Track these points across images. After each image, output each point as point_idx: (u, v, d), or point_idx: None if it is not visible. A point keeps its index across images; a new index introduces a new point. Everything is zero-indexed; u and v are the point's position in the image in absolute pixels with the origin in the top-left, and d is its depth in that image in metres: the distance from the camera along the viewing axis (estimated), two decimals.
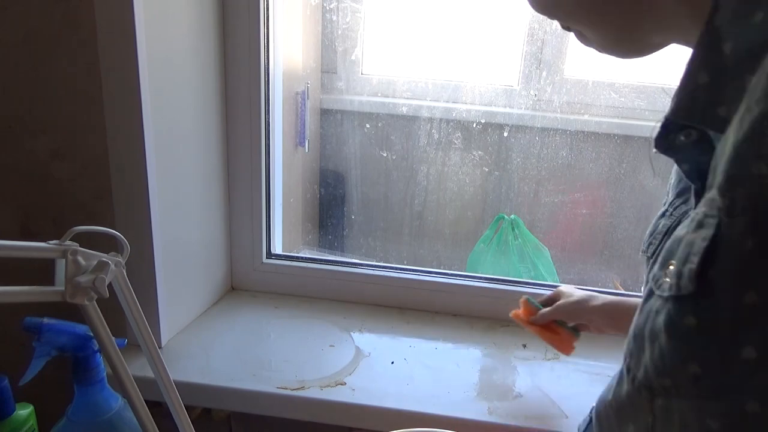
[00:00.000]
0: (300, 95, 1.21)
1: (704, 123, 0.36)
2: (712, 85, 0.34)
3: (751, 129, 0.28)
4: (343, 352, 0.96)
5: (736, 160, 0.29)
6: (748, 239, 0.29)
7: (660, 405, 0.35)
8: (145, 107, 0.83)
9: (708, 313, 0.31)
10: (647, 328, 0.36)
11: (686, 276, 0.32)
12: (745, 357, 0.30)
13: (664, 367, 0.34)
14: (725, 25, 0.33)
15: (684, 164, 0.39)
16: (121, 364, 0.52)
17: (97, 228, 0.53)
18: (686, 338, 0.33)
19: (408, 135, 1.30)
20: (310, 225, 1.37)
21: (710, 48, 0.34)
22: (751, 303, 0.30)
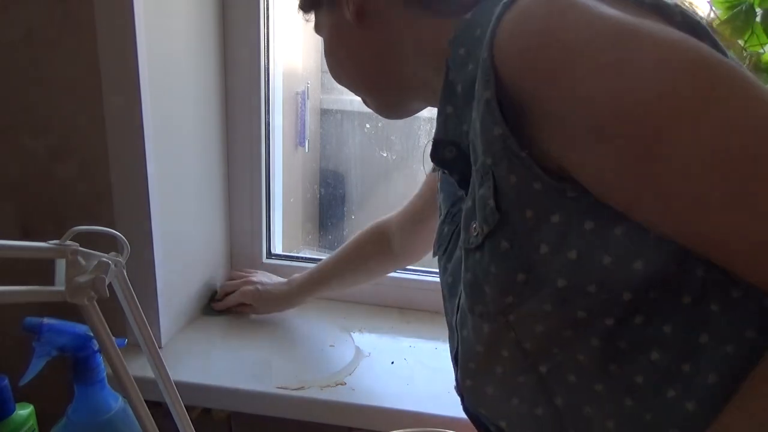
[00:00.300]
0: (300, 95, 1.21)
1: (456, 137, 0.52)
2: (455, 112, 0.52)
3: (484, 109, 0.43)
4: (343, 352, 0.96)
5: (485, 130, 0.44)
6: (511, 176, 0.44)
7: (513, 319, 0.47)
8: (145, 107, 0.83)
9: (511, 234, 0.45)
10: (479, 273, 0.48)
11: (490, 214, 0.45)
12: (543, 252, 0.44)
13: (503, 290, 0.46)
14: (454, 76, 0.51)
15: (455, 174, 0.54)
16: (121, 364, 0.52)
17: (97, 228, 0.53)
18: (506, 258, 0.45)
19: (408, 135, 1.30)
20: (310, 225, 1.37)
21: (450, 91, 0.52)
22: (531, 216, 0.44)
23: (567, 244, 0.43)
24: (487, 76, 0.42)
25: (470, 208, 0.49)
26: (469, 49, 0.49)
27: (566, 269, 0.43)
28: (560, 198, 0.43)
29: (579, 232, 0.43)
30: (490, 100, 0.43)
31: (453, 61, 0.51)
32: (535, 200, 0.43)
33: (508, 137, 0.43)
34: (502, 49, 0.42)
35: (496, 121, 0.43)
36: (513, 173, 0.44)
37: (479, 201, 0.47)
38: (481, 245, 0.47)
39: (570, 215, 0.43)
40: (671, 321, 0.43)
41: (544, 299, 0.45)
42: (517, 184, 0.44)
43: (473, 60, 0.48)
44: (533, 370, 0.49)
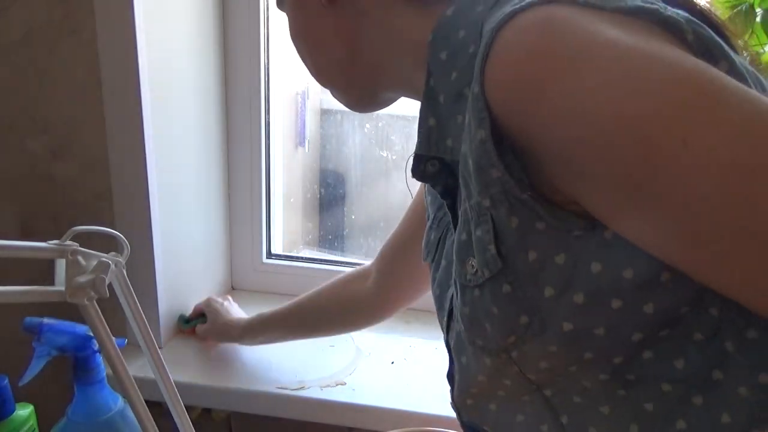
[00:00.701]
0: (300, 95, 1.21)
1: (439, 152, 0.49)
2: (438, 125, 0.48)
3: (478, 150, 0.40)
4: (343, 352, 0.96)
5: (480, 172, 0.41)
6: (512, 218, 0.41)
7: (516, 355, 0.45)
8: (145, 107, 0.83)
9: (514, 277, 0.42)
10: (479, 311, 0.46)
11: (491, 260, 0.43)
12: (548, 295, 0.41)
13: (505, 330, 0.44)
14: (436, 83, 0.47)
15: (437, 186, 0.51)
16: (121, 364, 0.52)
17: (97, 228, 0.53)
18: (509, 301, 0.43)
19: (408, 135, 1.29)
20: (310, 225, 1.37)
21: (431, 100, 0.48)
22: (534, 259, 0.41)
23: (573, 287, 0.40)
24: (481, 113, 0.39)
25: (465, 243, 0.46)
26: (451, 55, 0.45)
27: (572, 313, 0.41)
28: (565, 237, 0.40)
29: (586, 274, 0.40)
30: (485, 141, 0.39)
31: (434, 65, 0.47)
32: (539, 241, 0.41)
33: (507, 180, 0.39)
34: (494, 84, 0.38)
35: (493, 164, 0.39)
36: (514, 215, 0.41)
37: (477, 242, 0.44)
38: (481, 285, 0.45)
39: (576, 256, 0.40)
40: (683, 356, 0.41)
41: (549, 341, 0.42)
42: (519, 226, 0.41)
43: (457, 68, 0.45)
44: (537, 392, 0.48)
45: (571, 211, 0.40)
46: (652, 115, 0.33)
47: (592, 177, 0.36)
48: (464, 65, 0.44)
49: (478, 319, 0.46)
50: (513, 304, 0.43)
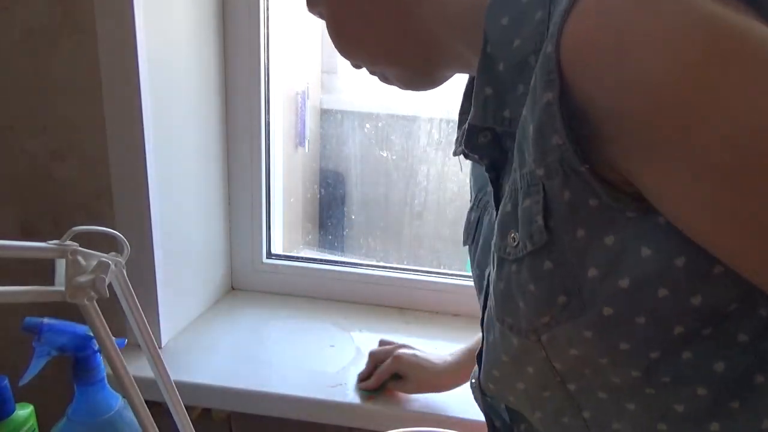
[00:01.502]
0: (300, 95, 1.21)
1: (495, 123, 0.46)
2: (495, 95, 0.46)
3: (543, 113, 0.38)
4: (343, 352, 0.96)
5: (540, 137, 0.38)
6: (565, 191, 0.39)
7: (546, 339, 0.43)
8: (145, 107, 0.83)
9: (557, 254, 0.40)
10: (513, 286, 0.44)
11: (536, 232, 0.41)
12: (591, 276, 0.39)
13: (540, 309, 0.42)
14: (494, 51, 0.44)
15: (485, 159, 0.50)
16: (121, 364, 0.52)
17: (97, 228, 0.53)
18: (549, 278, 0.41)
19: (408, 135, 1.29)
20: (310, 225, 1.37)
21: (489, 68, 0.45)
22: (582, 236, 0.39)
23: (619, 271, 0.39)
24: (551, 74, 0.36)
25: (509, 214, 0.44)
26: (514, 20, 0.42)
27: (615, 297, 0.39)
28: (618, 218, 0.38)
29: (634, 258, 0.38)
30: (552, 103, 0.37)
31: (492, 31, 0.44)
32: (589, 219, 0.39)
33: (568, 149, 0.37)
34: (573, 45, 0.36)
35: (556, 129, 0.37)
36: (568, 188, 0.39)
37: (523, 213, 0.42)
38: (521, 259, 0.43)
39: (626, 239, 0.38)
40: (723, 360, 0.39)
41: (585, 325, 0.41)
42: (571, 200, 0.39)
43: (522, 35, 0.42)
44: (560, 386, 0.46)
45: (625, 192, 0.38)
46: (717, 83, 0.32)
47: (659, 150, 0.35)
48: (530, 32, 0.41)
49: (511, 296, 0.44)
50: (552, 281, 0.41)
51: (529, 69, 0.42)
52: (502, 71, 0.44)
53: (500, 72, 0.44)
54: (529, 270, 0.42)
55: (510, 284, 0.44)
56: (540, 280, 0.42)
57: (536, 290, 0.42)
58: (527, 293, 0.43)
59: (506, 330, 0.46)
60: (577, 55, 0.36)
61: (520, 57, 0.42)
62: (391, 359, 0.85)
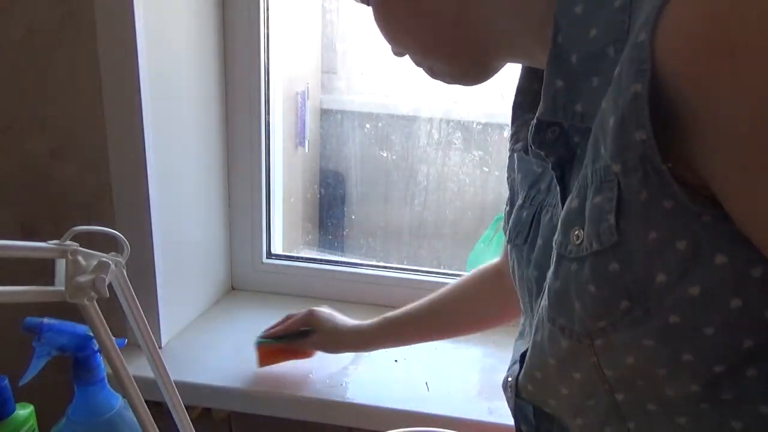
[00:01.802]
0: (300, 95, 1.21)
1: (566, 118, 0.44)
2: (567, 88, 0.43)
3: (628, 105, 0.35)
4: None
5: (622, 131, 0.36)
6: (642, 190, 0.37)
7: (599, 344, 0.41)
8: (145, 107, 0.83)
9: (625, 256, 0.39)
10: (571, 286, 0.42)
11: (606, 231, 0.39)
12: (659, 281, 0.38)
13: (598, 312, 0.40)
14: (566, 41, 0.42)
15: (551, 157, 0.47)
16: (121, 364, 0.52)
17: (97, 228, 0.53)
18: (612, 282, 0.39)
19: (408, 135, 1.29)
20: (310, 225, 1.37)
21: (560, 59, 0.43)
22: (654, 239, 0.37)
23: (690, 278, 0.37)
24: (642, 64, 0.34)
25: (575, 210, 0.42)
26: (589, 8, 0.40)
27: (683, 305, 0.37)
28: (692, 222, 0.36)
29: (707, 265, 0.36)
30: (641, 95, 0.34)
31: (564, 19, 0.41)
32: (663, 221, 0.37)
33: (652, 146, 0.35)
34: (672, 35, 0.33)
35: (642, 123, 0.35)
36: (646, 187, 0.37)
37: (592, 210, 0.40)
38: (583, 258, 0.41)
39: (699, 244, 0.36)
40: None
41: (647, 333, 0.39)
42: (647, 200, 0.37)
43: (598, 25, 0.40)
44: (608, 395, 0.44)
45: (702, 195, 0.36)
46: None
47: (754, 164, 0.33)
48: (608, 20, 0.39)
49: (568, 296, 0.42)
50: (616, 285, 0.39)
51: (607, 60, 0.40)
52: (575, 63, 0.42)
53: (573, 64, 0.42)
54: (591, 270, 0.40)
55: (568, 283, 0.42)
56: (602, 282, 0.40)
57: (597, 292, 0.40)
58: (586, 294, 0.41)
59: (557, 331, 0.44)
60: (677, 46, 0.33)
61: (596, 47, 0.40)
62: (305, 311, 0.88)
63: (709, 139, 0.34)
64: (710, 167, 0.35)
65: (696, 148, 0.35)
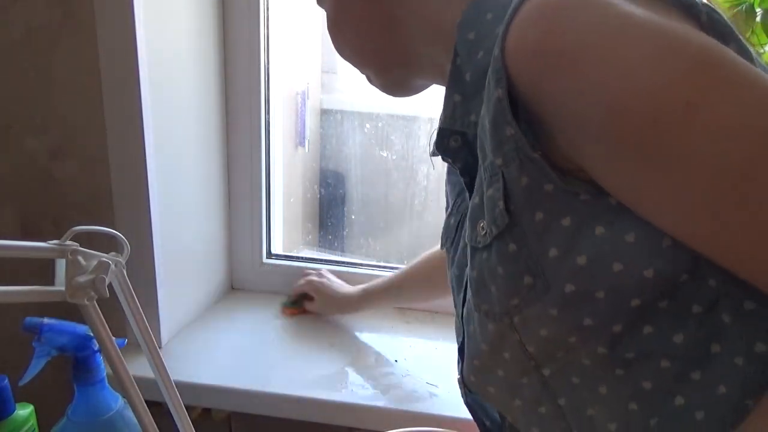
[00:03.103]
0: (300, 95, 1.21)
1: (463, 126, 0.50)
2: (463, 101, 0.50)
3: (495, 108, 0.42)
4: (343, 352, 0.96)
5: (495, 130, 0.43)
6: (522, 177, 0.42)
7: (518, 321, 0.46)
8: (145, 107, 0.83)
9: (520, 236, 0.44)
10: (485, 273, 0.47)
11: (499, 216, 0.44)
12: (552, 256, 0.43)
13: (509, 290, 0.45)
14: (463, 62, 0.49)
15: (457, 163, 0.54)
16: (121, 364, 0.52)
17: (97, 228, 0.53)
18: (513, 260, 0.44)
19: (408, 135, 1.30)
20: (310, 225, 1.37)
21: (457, 78, 0.50)
22: (540, 219, 0.43)
23: (577, 249, 0.42)
24: (498, 73, 0.41)
25: (477, 206, 0.48)
26: (479, 35, 0.48)
27: (575, 274, 0.42)
28: (572, 201, 0.42)
29: (590, 237, 0.41)
30: (502, 99, 0.41)
31: (461, 45, 0.49)
32: (546, 202, 0.42)
33: (520, 138, 0.41)
34: (513, 46, 0.40)
35: (508, 121, 0.41)
36: (524, 174, 0.42)
37: (488, 201, 0.46)
38: (489, 245, 0.46)
39: (581, 219, 0.42)
40: (681, 331, 0.42)
41: (551, 303, 0.44)
42: (528, 185, 0.42)
43: (484, 48, 0.47)
44: (536, 371, 0.48)
45: (578, 178, 0.41)
46: (660, 82, 0.35)
47: (599, 143, 0.38)
48: (490, 44, 0.45)
49: (484, 282, 0.47)
50: (517, 263, 0.44)
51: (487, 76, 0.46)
52: (468, 81, 0.49)
53: (467, 81, 0.49)
54: (496, 254, 0.45)
55: (482, 271, 0.47)
56: (506, 263, 0.45)
57: (504, 273, 0.45)
58: (497, 277, 0.46)
59: (483, 317, 0.49)
60: (516, 55, 0.40)
61: (483, 67, 0.46)
62: (303, 281, 1.06)
63: (559, 129, 0.40)
64: (572, 153, 0.41)
65: (556, 137, 0.41)
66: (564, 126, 0.40)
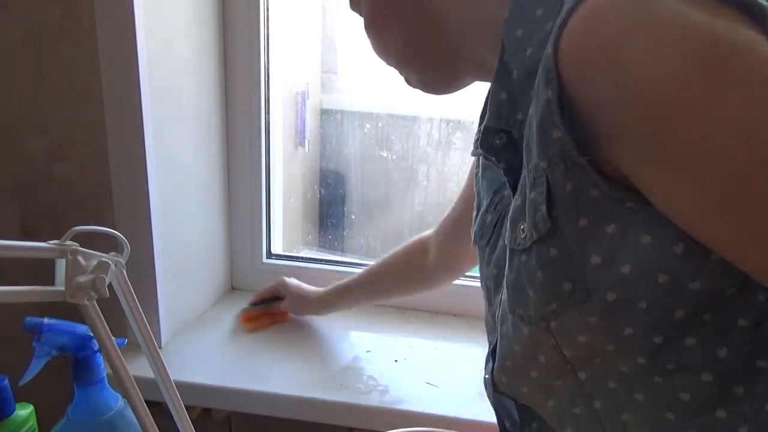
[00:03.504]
0: (300, 95, 1.21)
1: (509, 125, 0.49)
2: (509, 99, 0.49)
3: (543, 109, 0.40)
4: (343, 352, 0.96)
5: (542, 132, 0.41)
6: (567, 182, 0.41)
7: (554, 327, 0.45)
8: (145, 107, 0.83)
9: (561, 242, 0.43)
10: (523, 276, 0.46)
11: (540, 220, 0.43)
12: (594, 263, 0.42)
13: (547, 296, 0.44)
14: (510, 59, 0.47)
15: (501, 162, 0.52)
16: (121, 364, 0.52)
17: (97, 228, 0.53)
18: (554, 266, 0.43)
19: (408, 135, 1.30)
20: (310, 225, 1.37)
21: (504, 75, 0.48)
22: (584, 225, 0.41)
23: (621, 258, 0.41)
24: (550, 74, 0.40)
25: (519, 207, 0.47)
26: (528, 31, 0.46)
27: (617, 283, 0.41)
28: (618, 207, 0.40)
29: (635, 245, 0.40)
30: (551, 100, 0.40)
31: (508, 41, 0.47)
32: (591, 208, 0.41)
33: (567, 142, 0.40)
34: (567, 47, 0.39)
35: (555, 124, 0.40)
36: (569, 179, 0.41)
37: (530, 204, 0.45)
38: (528, 249, 0.45)
39: (626, 227, 0.40)
40: (725, 344, 0.41)
41: (590, 311, 0.43)
42: (573, 190, 0.41)
43: (533, 44, 0.45)
44: (572, 374, 0.48)
45: (623, 184, 0.40)
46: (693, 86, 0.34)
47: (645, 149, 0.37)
48: (540, 41, 0.44)
49: (521, 285, 0.46)
50: (558, 269, 0.43)
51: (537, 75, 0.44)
52: (515, 78, 0.47)
53: (514, 79, 0.47)
54: (536, 258, 0.44)
55: (520, 274, 0.46)
56: (546, 268, 0.44)
57: (543, 278, 0.44)
58: (536, 281, 0.45)
59: (517, 320, 0.48)
60: (571, 56, 0.39)
61: (531, 65, 0.45)
62: (275, 281, 1.04)
63: (609, 136, 0.39)
64: (620, 161, 0.39)
65: (605, 143, 0.39)
66: (613, 128, 0.39)
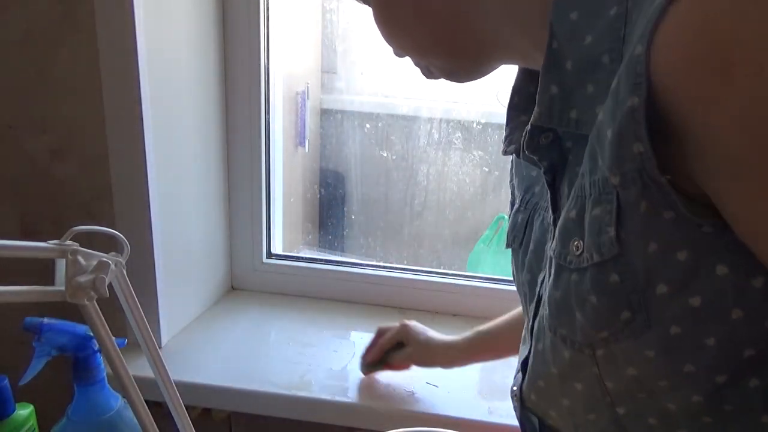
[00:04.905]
0: (300, 95, 1.21)
1: (560, 125, 0.44)
2: (561, 94, 0.43)
3: (625, 118, 0.35)
4: (342, 352, 0.96)
5: (620, 144, 0.36)
6: (641, 202, 0.37)
7: (601, 355, 0.41)
8: (145, 107, 0.83)
9: (626, 267, 0.38)
10: (572, 297, 0.42)
11: (606, 243, 0.39)
12: (660, 293, 0.38)
13: (599, 322, 0.40)
14: (562, 47, 0.42)
15: (544, 161, 0.47)
16: (121, 364, 0.52)
17: (97, 228, 0.53)
18: (612, 293, 0.39)
19: (408, 135, 1.30)
20: (310, 225, 1.37)
21: (555, 66, 0.42)
22: (654, 250, 0.37)
23: (691, 288, 0.37)
24: (639, 78, 0.34)
25: (573, 222, 0.42)
26: (584, 15, 0.40)
27: (684, 316, 0.37)
28: (693, 232, 0.36)
29: (708, 276, 0.36)
30: (637, 109, 0.34)
31: (559, 26, 0.41)
32: (663, 232, 0.37)
33: (649, 158, 0.35)
34: (667, 49, 0.33)
35: (639, 137, 0.34)
36: (645, 198, 0.36)
37: (592, 221, 0.40)
38: (583, 269, 0.41)
39: (700, 255, 0.36)
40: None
41: (648, 344, 0.39)
42: (647, 212, 0.37)
43: (595, 32, 0.39)
44: (609, 408, 0.44)
45: (703, 206, 0.36)
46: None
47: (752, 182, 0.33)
48: (603, 28, 0.39)
49: (569, 306, 0.42)
50: (617, 296, 0.39)
51: (602, 68, 0.40)
52: (570, 69, 0.42)
53: (568, 70, 0.42)
54: (592, 281, 0.40)
55: (568, 294, 0.42)
56: (603, 293, 0.40)
57: (598, 303, 0.40)
58: (587, 305, 0.41)
59: (559, 341, 0.44)
60: (672, 63, 0.33)
61: (591, 55, 0.40)
62: (398, 326, 0.86)
63: (704, 155, 0.34)
64: (708, 182, 0.35)
65: (693, 162, 0.35)
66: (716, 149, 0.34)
